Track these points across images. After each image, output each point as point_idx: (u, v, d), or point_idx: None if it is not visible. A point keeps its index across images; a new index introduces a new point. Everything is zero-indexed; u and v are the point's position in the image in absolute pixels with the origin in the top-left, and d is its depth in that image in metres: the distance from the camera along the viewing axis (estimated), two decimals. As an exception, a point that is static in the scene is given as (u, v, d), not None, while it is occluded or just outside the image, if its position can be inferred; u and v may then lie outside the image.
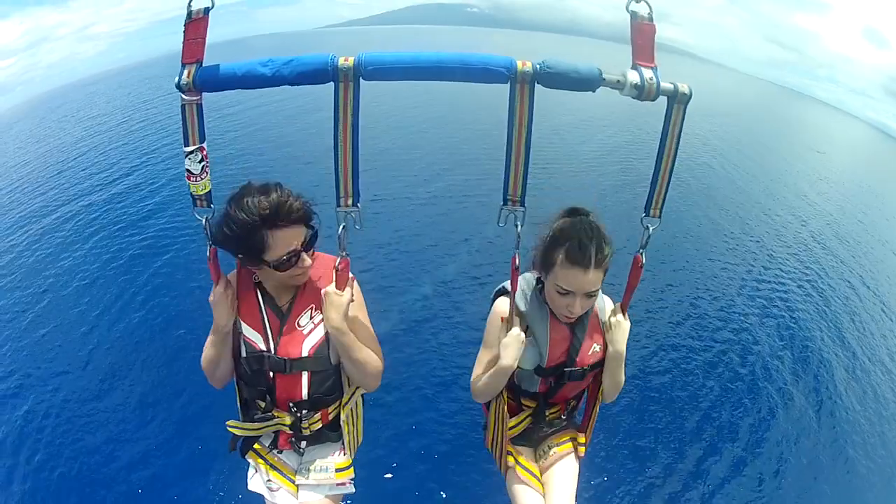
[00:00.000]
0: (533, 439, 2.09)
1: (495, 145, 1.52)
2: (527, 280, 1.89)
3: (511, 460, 2.02)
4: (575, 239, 1.63)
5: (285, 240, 1.59)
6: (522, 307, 1.84)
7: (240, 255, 1.67)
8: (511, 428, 2.00)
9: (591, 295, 1.70)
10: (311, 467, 1.97)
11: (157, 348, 5.57)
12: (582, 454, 2.06)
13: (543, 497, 1.98)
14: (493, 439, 2.08)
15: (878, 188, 20.04)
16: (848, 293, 8.67)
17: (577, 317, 1.79)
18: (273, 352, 1.77)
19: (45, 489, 4.00)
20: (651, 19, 1.35)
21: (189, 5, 1.35)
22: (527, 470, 2.01)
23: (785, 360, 6.49)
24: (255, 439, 1.98)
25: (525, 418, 2.03)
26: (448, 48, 1.58)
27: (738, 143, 20.04)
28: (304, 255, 1.66)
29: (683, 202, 11.11)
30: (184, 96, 1.43)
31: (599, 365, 1.91)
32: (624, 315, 1.81)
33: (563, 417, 2.10)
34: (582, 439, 2.07)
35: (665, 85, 1.38)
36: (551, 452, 2.05)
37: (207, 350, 1.77)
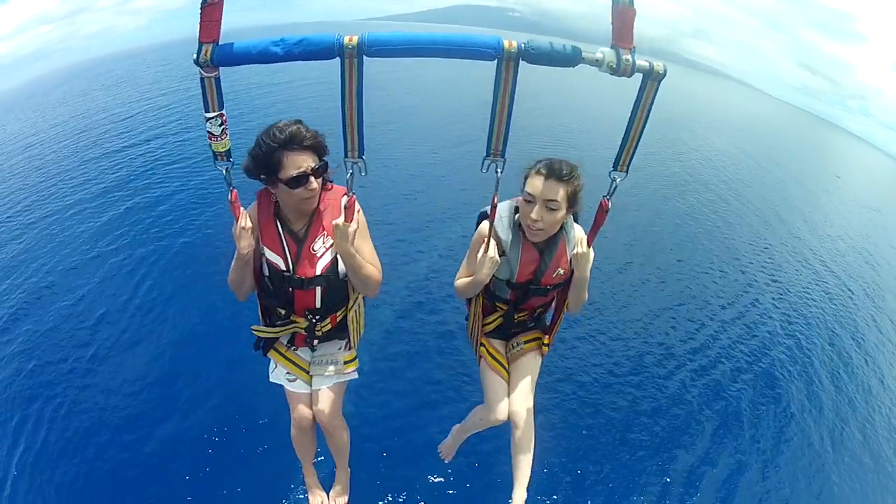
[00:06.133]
0: (506, 334, 2.49)
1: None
2: (506, 208, 2.20)
3: (483, 351, 2.42)
4: (547, 160, 2.01)
5: (296, 161, 1.91)
6: (500, 232, 2.17)
7: (262, 176, 1.98)
8: (486, 324, 2.41)
9: (550, 206, 2.00)
10: (323, 360, 2.38)
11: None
12: (545, 352, 2.46)
13: (508, 383, 2.37)
14: (471, 330, 2.46)
15: (879, 205, 21.40)
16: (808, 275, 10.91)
17: (544, 240, 2.14)
18: (292, 272, 2.11)
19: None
20: (632, 4, 1.42)
21: None
22: (496, 360, 2.41)
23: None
24: (276, 340, 2.37)
25: (497, 318, 2.42)
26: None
27: (756, 157, 21.59)
28: (311, 178, 1.95)
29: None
30: (202, 72, 1.59)
31: (561, 285, 2.27)
32: (589, 246, 2.10)
33: (530, 321, 2.48)
34: (546, 340, 2.45)
35: (641, 63, 1.46)
36: (519, 348, 2.45)
37: (232, 273, 2.12)
